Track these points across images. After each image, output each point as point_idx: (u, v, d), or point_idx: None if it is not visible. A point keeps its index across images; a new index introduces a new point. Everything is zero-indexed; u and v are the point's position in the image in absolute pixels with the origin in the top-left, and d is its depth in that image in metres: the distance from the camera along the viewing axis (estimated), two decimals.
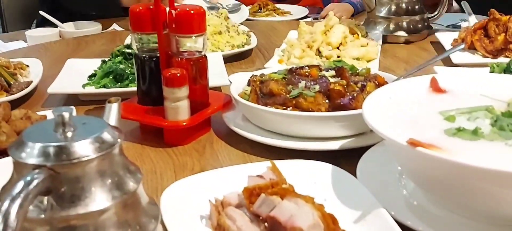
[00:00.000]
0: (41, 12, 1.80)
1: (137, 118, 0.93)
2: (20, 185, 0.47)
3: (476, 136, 0.63)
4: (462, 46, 1.30)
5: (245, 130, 0.90)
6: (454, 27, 1.75)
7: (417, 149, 0.59)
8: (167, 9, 0.91)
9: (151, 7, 0.90)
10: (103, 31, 1.78)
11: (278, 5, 2.23)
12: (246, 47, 1.43)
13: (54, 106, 1.10)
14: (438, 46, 1.47)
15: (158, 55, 0.92)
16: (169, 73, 0.88)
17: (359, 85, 0.89)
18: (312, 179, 0.72)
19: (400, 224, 0.62)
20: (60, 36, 1.71)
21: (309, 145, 0.84)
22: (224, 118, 0.95)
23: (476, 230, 0.63)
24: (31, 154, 0.50)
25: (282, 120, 0.86)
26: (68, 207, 0.50)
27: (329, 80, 0.90)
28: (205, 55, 0.93)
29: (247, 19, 1.97)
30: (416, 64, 1.31)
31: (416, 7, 1.54)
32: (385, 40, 1.50)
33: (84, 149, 0.51)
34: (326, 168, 0.74)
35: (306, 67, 0.96)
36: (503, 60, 1.22)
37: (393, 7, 1.54)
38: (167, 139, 0.91)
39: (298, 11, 2.18)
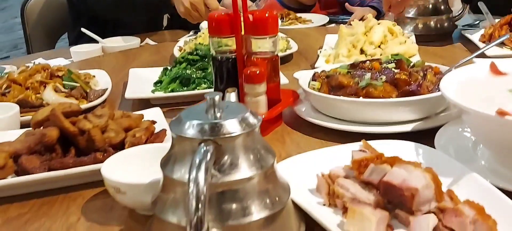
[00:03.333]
0: (83, 29, 1.88)
1: None
2: (200, 155, 0.55)
3: None
4: (507, 36, 1.39)
5: (319, 119, 0.99)
6: (470, 26, 1.86)
7: (506, 118, 0.68)
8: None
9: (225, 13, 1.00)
10: (142, 44, 1.87)
11: (299, 14, 2.34)
12: (288, 51, 1.53)
13: (127, 110, 1.18)
14: (465, 42, 1.58)
15: (234, 56, 1.01)
16: (249, 71, 0.97)
17: (421, 74, 0.99)
18: (398, 155, 0.81)
19: None
20: (103, 51, 1.80)
21: (380, 129, 0.93)
22: (297, 111, 1.04)
23: None
24: (194, 130, 0.59)
25: (357, 108, 0.95)
26: (227, 174, 0.59)
27: (394, 71, 0.99)
28: (277, 54, 1.02)
29: None
30: (451, 59, 1.42)
31: (442, 7, 1.65)
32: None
33: (235, 126, 0.60)
34: (409, 146, 0.83)
35: (368, 62, 1.06)
36: None
37: (421, 8, 1.64)
38: None
39: (319, 19, 2.28)
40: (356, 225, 0.63)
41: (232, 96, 0.74)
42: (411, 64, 1.09)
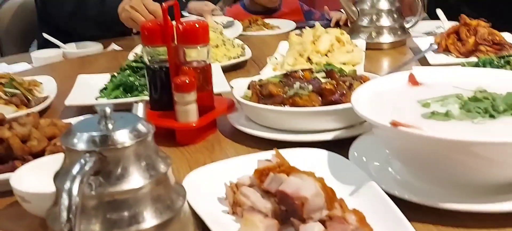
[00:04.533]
0: (44, 35, 1.90)
1: (152, 121, 1.03)
2: (77, 167, 0.57)
3: (448, 117, 0.75)
4: (435, 47, 1.43)
5: (249, 128, 1.01)
6: (431, 34, 1.89)
7: (399, 128, 0.71)
8: (174, 23, 1.02)
9: (159, 23, 1.02)
10: (104, 50, 1.89)
11: (267, 20, 2.36)
12: (242, 58, 1.55)
13: (69, 118, 1.20)
14: (416, 51, 1.60)
15: (167, 65, 1.03)
16: (179, 80, 0.99)
17: (347, 83, 1.01)
18: (311, 163, 0.83)
19: (388, 195, 0.73)
20: (63, 57, 1.82)
21: (306, 137, 0.95)
22: (229, 119, 1.06)
23: (448, 196, 0.73)
24: (82, 141, 0.60)
25: (282, 116, 0.97)
26: (113, 184, 0.61)
27: (321, 80, 1.02)
28: (209, 63, 1.04)
29: (240, 35, 2.10)
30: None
31: (395, 16, 1.68)
32: (368, 47, 1.63)
33: (124, 136, 0.62)
34: (322, 154, 0.86)
35: (300, 71, 1.08)
36: (473, 59, 1.35)
37: (374, 17, 1.67)
38: (179, 139, 1.02)
39: (286, 25, 2.30)
40: None
41: (139, 108, 0.75)
42: (344, 73, 1.11)
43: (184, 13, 2.25)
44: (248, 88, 1.09)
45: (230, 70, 1.51)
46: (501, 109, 0.75)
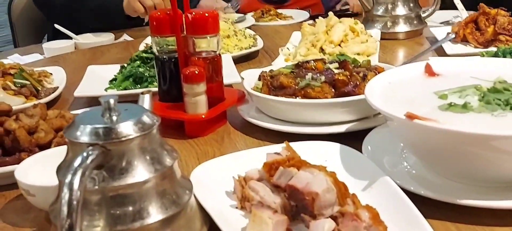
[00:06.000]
0: (56, 25, 1.89)
1: (160, 113, 1.00)
2: (79, 160, 0.55)
3: (466, 109, 0.72)
4: (453, 36, 1.39)
5: (259, 120, 0.98)
6: (448, 23, 1.84)
7: (415, 121, 0.67)
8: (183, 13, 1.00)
9: (169, 12, 0.99)
10: (116, 41, 1.88)
11: (280, 10, 2.33)
12: (253, 49, 1.52)
13: (79, 109, 1.19)
14: (433, 41, 1.56)
15: (177, 56, 1.01)
16: (188, 71, 0.97)
17: (361, 75, 0.98)
18: (323, 157, 0.81)
19: (403, 190, 0.70)
20: (75, 48, 1.81)
21: (318, 130, 0.93)
22: (239, 111, 1.04)
23: (466, 192, 0.70)
24: (85, 134, 0.58)
25: (293, 108, 0.94)
26: (117, 178, 0.59)
27: (333, 71, 0.99)
28: (219, 54, 1.02)
29: (252, 25, 2.08)
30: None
31: (411, 4, 1.63)
32: (383, 37, 1.59)
33: (128, 129, 0.60)
34: (334, 147, 0.83)
35: (312, 62, 1.05)
36: (492, 49, 1.30)
37: (390, 6, 1.63)
38: (188, 131, 1.00)
39: (300, 14, 2.27)
40: (256, 229, 0.63)
41: (145, 99, 0.73)
42: (358, 64, 1.08)
43: None
44: (259, 79, 1.07)
45: (241, 61, 1.49)
46: None
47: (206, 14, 0.99)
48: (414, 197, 0.69)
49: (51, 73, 1.31)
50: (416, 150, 0.77)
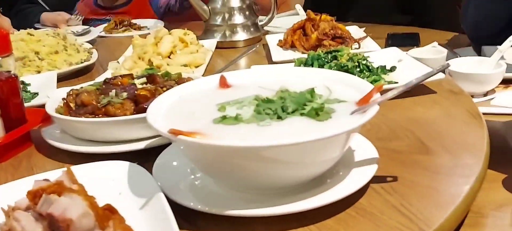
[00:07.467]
0: None
1: None
2: None
3: (237, 121, 0.74)
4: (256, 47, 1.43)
5: (61, 141, 0.94)
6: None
7: (179, 137, 0.68)
8: None
9: None
10: None
11: (134, 20, 2.28)
12: (85, 63, 1.47)
13: None
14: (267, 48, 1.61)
15: None
16: None
17: (164, 89, 0.98)
18: (110, 176, 0.79)
19: (184, 207, 0.70)
20: None
21: (118, 148, 0.91)
22: (42, 133, 0.99)
23: (240, 203, 0.71)
24: None
25: (90, 127, 0.92)
26: None
27: (136, 86, 0.97)
28: (14, 75, 0.96)
29: (101, 36, 2.03)
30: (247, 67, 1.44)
31: (247, 13, 1.68)
32: (223, 46, 1.62)
33: None
34: (123, 166, 0.81)
35: (119, 77, 1.03)
36: (303, 56, 1.37)
37: (227, 15, 1.66)
38: None
39: (155, 24, 2.24)
40: None
41: None
42: (170, 77, 1.08)
43: (37, 26, 2.13)
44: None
45: (73, 77, 1.43)
46: (290, 110, 0.75)
47: None
48: (193, 212, 0.70)
49: None
50: (194, 164, 0.77)
